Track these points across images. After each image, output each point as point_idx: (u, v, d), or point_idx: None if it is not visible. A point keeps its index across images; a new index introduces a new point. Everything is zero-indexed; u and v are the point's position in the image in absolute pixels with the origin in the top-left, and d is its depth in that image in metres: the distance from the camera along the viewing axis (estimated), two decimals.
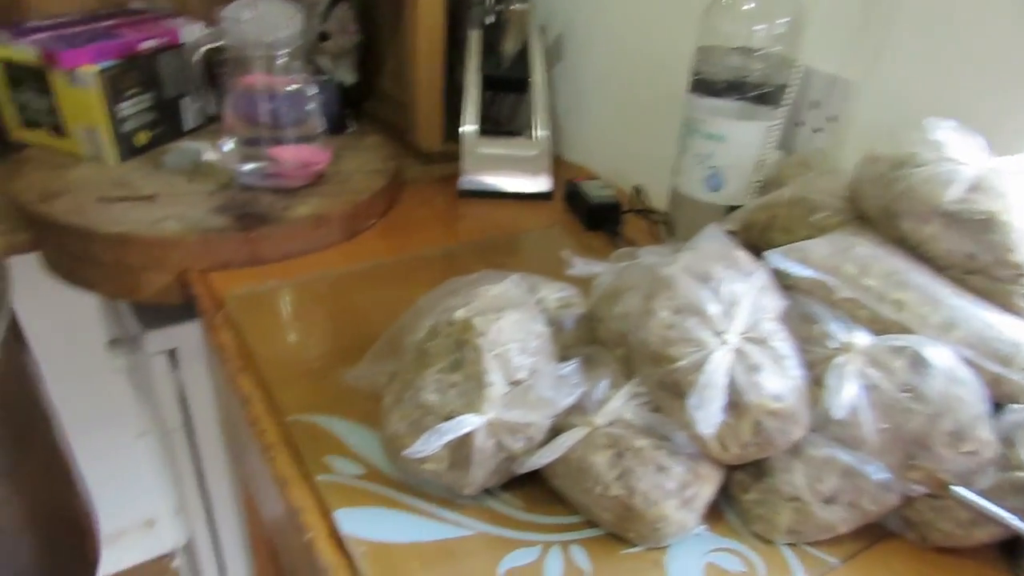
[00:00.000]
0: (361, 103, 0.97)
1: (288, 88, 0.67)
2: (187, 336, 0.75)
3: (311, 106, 0.70)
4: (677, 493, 0.40)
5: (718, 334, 0.39)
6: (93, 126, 0.71)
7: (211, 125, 0.85)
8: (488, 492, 0.44)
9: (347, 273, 0.66)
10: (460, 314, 0.43)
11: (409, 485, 0.44)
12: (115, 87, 0.70)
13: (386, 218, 0.76)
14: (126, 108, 0.72)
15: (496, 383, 0.41)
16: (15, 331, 0.46)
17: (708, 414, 0.38)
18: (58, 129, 0.73)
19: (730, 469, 0.43)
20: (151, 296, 0.65)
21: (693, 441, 0.40)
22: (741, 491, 0.43)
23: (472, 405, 0.41)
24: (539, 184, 0.81)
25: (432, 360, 0.43)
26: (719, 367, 0.38)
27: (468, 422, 0.40)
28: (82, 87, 0.69)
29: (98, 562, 0.49)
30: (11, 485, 0.41)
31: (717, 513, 0.43)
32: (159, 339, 0.73)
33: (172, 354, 0.75)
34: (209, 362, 0.76)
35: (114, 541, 1.35)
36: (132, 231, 0.62)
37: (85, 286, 0.67)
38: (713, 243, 0.45)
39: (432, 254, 0.70)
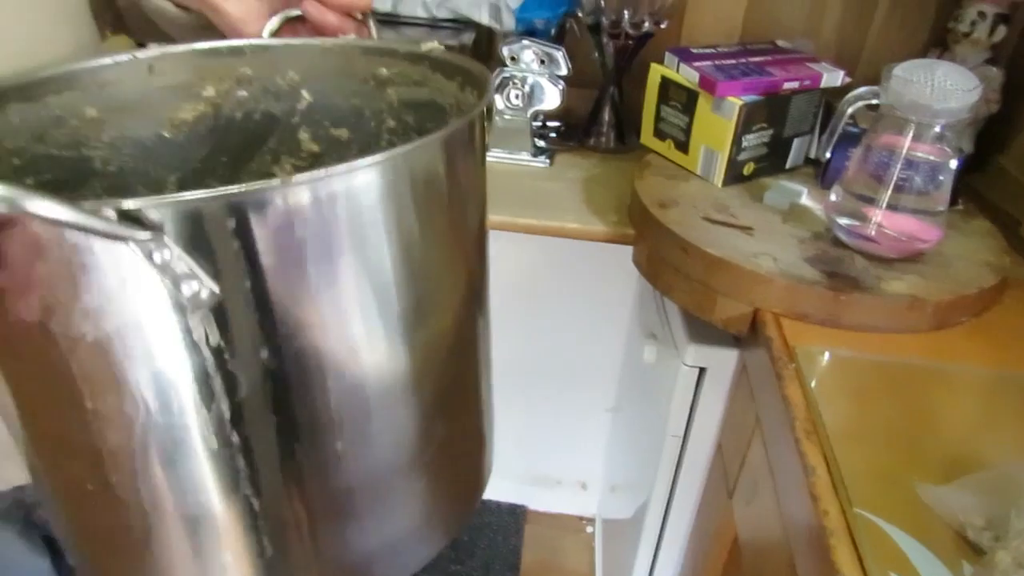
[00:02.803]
0: (966, 175, 0.87)
1: (931, 158, 0.63)
2: (719, 359, 0.78)
3: (944, 180, 0.64)
4: None
5: None
6: (715, 150, 0.77)
7: (805, 167, 0.85)
8: None
9: (929, 368, 0.59)
10: None
11: None
12: (748, 120, 0.75)
13: (980, 319, 0.67)
14: (748, 140, 0.76)
15: None
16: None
17: None
18: (681, 145, 0.82)
19: None
20: (720, 320, 0.68)
21: None
22: None
23: None
24: None
25: None
26: None
27: None
28: (722, 115, 0.75)
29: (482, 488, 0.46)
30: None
31: None
32: (697, 354, 0.78)
33: (701, 372, 0.79)
34: (733, 390, 0.78)
35: (549, 486, 1.53)
36: (728, 257, 0.66)
37: (664, 289, 0.74)
38: None
39: None
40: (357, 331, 0.33)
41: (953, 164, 0.64)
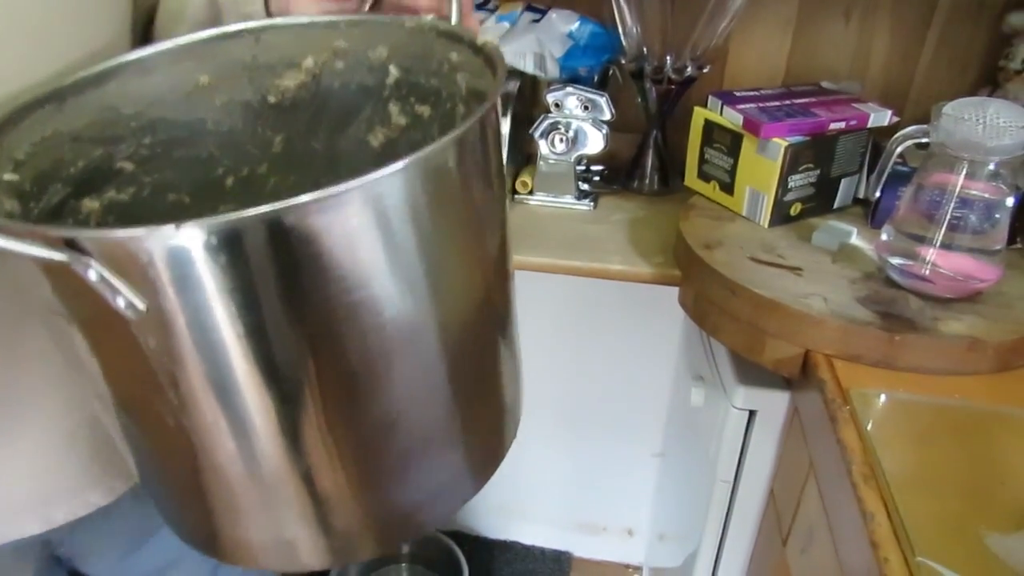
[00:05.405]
0: None
1: (986, 195, 0.62)
2: (769, 402, 0.76)
3: (1001, 219, 0.63)
4: None
5: None
6: (760, 191, 0.77)
7: (853, 207, 0.84)
8: None
9: (992, 412, 0.57)
10: None
11: None
12: (794, 161, 0.75)
13: None
14: (794, 180, 0.76)
15: None
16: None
17: None
18: (726, 187, 0.82)
19: None
20: (769, 362, 0.67)
21: None
22: None
23: None
24: None
25: None
26: None
27: None
28: (767, 157, 0.75)
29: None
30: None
31: None
32: (746, 396, 0.76)
33: (751, 415, 0.77)
34: (784, 433, 0.76)
35: (594, 532, 1.50)
36: (778, 298, 0.65)
37: (711, 330, 0.74)
38: None
39: None
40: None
41: (1010, 202, 0.63)
